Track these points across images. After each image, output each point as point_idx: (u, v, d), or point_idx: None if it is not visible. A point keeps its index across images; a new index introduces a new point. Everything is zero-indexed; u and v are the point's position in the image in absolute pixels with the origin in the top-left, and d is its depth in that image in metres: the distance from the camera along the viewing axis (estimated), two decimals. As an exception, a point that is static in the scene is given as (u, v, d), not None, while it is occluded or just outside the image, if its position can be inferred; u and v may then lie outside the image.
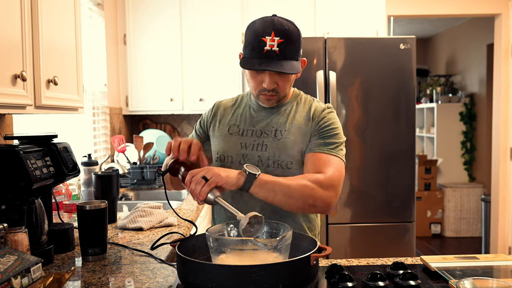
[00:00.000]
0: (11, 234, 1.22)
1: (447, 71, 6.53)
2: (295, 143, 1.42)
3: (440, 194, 5.68)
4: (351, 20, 3.44)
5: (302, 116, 1.46)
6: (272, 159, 1.42)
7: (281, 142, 1.42)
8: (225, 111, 1.55)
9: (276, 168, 1.41)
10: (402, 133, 2.85)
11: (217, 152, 1.49)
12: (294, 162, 1.42)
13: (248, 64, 1.35)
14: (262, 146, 1.43)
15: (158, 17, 3.50)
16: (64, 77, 1.69)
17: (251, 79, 1.41)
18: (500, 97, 4.19)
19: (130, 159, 3.13)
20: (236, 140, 1.47)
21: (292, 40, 1.32)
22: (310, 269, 1.08)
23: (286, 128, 1.44)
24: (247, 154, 1.44)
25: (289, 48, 1.32)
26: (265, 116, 1.48)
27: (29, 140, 1.55)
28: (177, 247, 1.15)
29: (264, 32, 1.31)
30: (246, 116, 1.50)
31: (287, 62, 1.32)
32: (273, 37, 1.30)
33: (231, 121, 1.51)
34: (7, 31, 1.33)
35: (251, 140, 1.45)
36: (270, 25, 1.31)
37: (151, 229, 1.88)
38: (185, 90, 3.53)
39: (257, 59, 1.32)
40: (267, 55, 1.31)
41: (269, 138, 1.44)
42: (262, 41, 1.31)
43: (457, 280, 1.15)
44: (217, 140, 1.51)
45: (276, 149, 1.42)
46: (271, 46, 1.30)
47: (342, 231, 2.85)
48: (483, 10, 4.09)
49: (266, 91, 1.39)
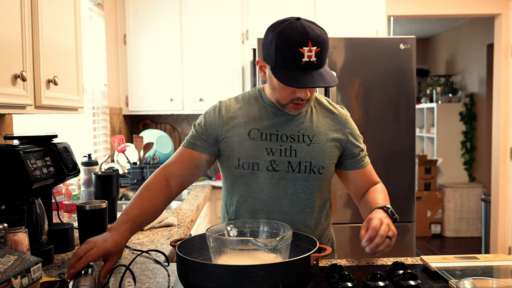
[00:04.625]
0: (11, 234, 1.22)
1: (447, 71, 6.53)
2: (325, 149, 1.41)
3: (440, 194, 5.68)
4: (351, 20, 3.44)
5: (326, 121, 1.45)
6: (304, 164, 1.38)
7: (311, 147, 1.40)
8: (236, 112, 1.43)
9: (308, 174, 1.39)
10: (402, 133, 2.85)
11: (238, 159, 1.39)
12: (325, 167, 1.41)
13: (291, 81, 1.26)
14: (291, 151, 1.38)
15: (158, 17, 3.50)
16: (64, 77, 1.69)
17: (281, 90, 1.33)
18: (500, 97, 4.19)
19: (130, 159, 3.13)
20: (260, 145, 1.38)
21: (326, 47, 1.27)
22: (310, 269, 1.08)
23: (314, 132, 1.41)
24: (275, 160, 1.38)
25: (324, 56, 1.27)
26: (286, 119, 1.41)
27: (29, 140, 1.55)
28: (177, 247, 1.15)
29: (301, 42, 1.23)
30: (264, 119, 1.41)
31: (325, 71, 1.28)
32: (310, 47, 1.23)
33: (249, 125, 1.40)
34: (7, 31, 1.33)
35: (276, 145, 1.38)
36: (305, 35, 1.23)
37: (151, 229, 1.88)
38: (185, 90, 3.53)
39: (295, 71, 1.25)
40: (306, 67, 1.24)
41: (297, 143, 1.39)
42: (300, 52, 1.23)
43: (457, 280, 1.15)
44: (235, 145, 1.39)
45: (307, 154, 1.39)
46: (309, 57, 1.23)
47: (342, 231, 2.85)
48: (483, 10, 4.09)
49: (299, 100, 1.33)
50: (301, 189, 1.40)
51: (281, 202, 1.39)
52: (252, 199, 1.41)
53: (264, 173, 1.38)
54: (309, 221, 1.43)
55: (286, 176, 1.39)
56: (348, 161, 1.48)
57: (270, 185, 1.39)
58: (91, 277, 1.12)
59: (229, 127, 1.41)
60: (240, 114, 1.43)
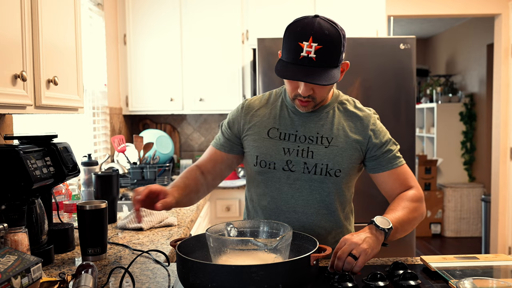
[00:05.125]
0: (11, 234, 1.22)
1: (447, 71, 6.53)
2: (344, 151, 1.38)
3: (440, 194, 5.68)
4: (351, 20, 3.44)
5: (349, 124, 1.41)
6: (320, 166, 1.37)
7: (329, 149, 1.38)
8: (259, 111, 1.46)
9: (324, 176, 1.38)
10: (402, 133, 2.85)
11: (256, 157, 1.41)
12: (342, 170, 1.38)
13: (281, 72, 1.26)
14: (308, 153, 1.37)
15: (158, 17, 3.50)
16: (64, 77, 1.69)
17: (287, 83, 1.35)
18: (500, 97, 4.19)
19: (130, 159, 3.13)
20: (277, 144, 1.39)
21: (331, 46, 1.23)
22: (310, 269, 1.08)
23: (333, 135, 1.39)
24: (291, 161, 1.38)
25: (328, 55, 1.23)
26: (306, 120, 1.40)
27: (29, 140, 1.55)
28: (177, 247, 1.15)
29: (302, 35, 1.21)
30: (285, 118, 1.42)
31: (324, 70, 1.24)
32: (310, 42, 1.21)
33: (269, 123, 1.42)
34: (7, 31, 1.33)
35: (294, 145, 1.38)
36: (309, 29, 1.21)
37: (151, 229, 1.88)
38: (185, 90, 3.53)
39: (292, 65, 1.24)
40: (303, 62, 1.23)
41: (315, 145, 1.38)
42: (299, 46, 1.22)
43: (457, 280, 1.15)
44: (255, 143, 1.42)
45: (324, 157, 1.37)
46: (308, 53, 1.21)
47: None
48: (483, 10, 4.09)
49: (301, 97, 1.32)
50: (316, 191, 1.39)
51: (296, 202, 1.40)
52: (269, 197, 1.42)
53: (280, 173, 1.39)
54: (324, 223, 1.43)
55: (301, 177, 1.39)
56: (371, 163, 1.43)
57: (286, 185, 1.40)
58: (91, 277, 1.12)
59: (250, 125, 1.45)
60: (261, 113, 1.45)
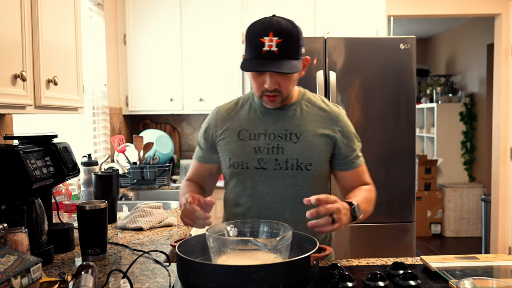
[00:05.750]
0: (11, 234, 1.22)
1: (447, 71, 6.53)
2: (313, 145, 1.43)
3: (440, 194, 5.68)
4: (351, 20, 3.43)
5: (316, 118, 1.47)
6: (291, 161, 1.41)
7: (298, 144, 1.42)
8: (229, 115, 1.52)
9: (296, 171, 1.42)
10: (402, 133, 2.85)
11: (229, 159, 1.46)
12: (313, 163, 1.42)
13: (246, 66, 1.35)
14: (278, 149, 1.42)
15: (158, 17, 3.50)
16: (64, 77, 1.69)
17: (253, 81, 1.41)
18: (500, 97, 4.19)
19: (130, 159, 3.13)
20: (248, 145, 1.45)
21: (291, 39, 1.32)
22: (310, 269, 1.08)
23: (301, 130, 1.44)
24: (262, 159, 1.43)
25: (289, 48, 1.32)
26: (275, 118, 1.46)
27: (29, 140, 1.55)
28: (177, 247, 1.15)
29: (262, 32, 1.31)
30: (254, 119, 1.48)
31: (286, 61, 1.32)
32: (271, 37, 1.30)
33: (239, 126, 1.48)
34: (7, 31, 1.33)
35: (264, 144, 1.44)
36: (268, 26, 1.32)
37: (151, 229, 1.88)
38: (185, 90, 3.53)
39: (256, 60, 1.32)
40: (266, 56, 1.31)
41: (284, 141, 1.43)
42: (261, 42, 1.31)
43: (457, 280, 1.15)
44: (226, 147, 1.48)
45: (293, 152, 1.42)
46: (269, 47, 1.30)
47: (342, 231, 2.84)
48: (483, 10, 4.09)
49: (268, 91, 1.38)
50: (290, 186, 1.43)
51: (271, 199, 1.43)
52: (244, 196, 1.47)
53: (253, 172, 1.44)
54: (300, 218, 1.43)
55: (274, 173, 1.43)
56: (338, 161, 1.49)
57: (260, 183, 1.44)
58: (91, 277, 1.11)
59: (222, 130, 1.50)
60: (232, 117, 1.52)
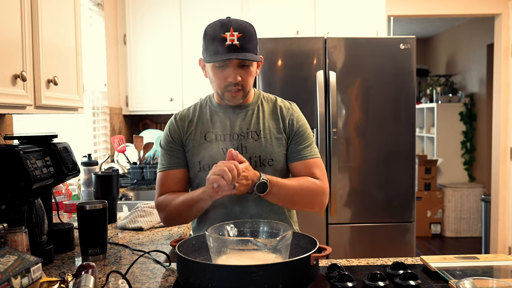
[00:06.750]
0: (11, 234, 1.22)
1: (447, 71, 6.53)
2: (272, 141, 1.49)
3: (440, 194, 5.68)
4: (351, 20, 3.44)
5: (273, 117, 1.53)
6: (254, 159, 1.47)
7: (259, 142, 1.48)
8: (191, 121, 1.54)
9: (259, 167, 1.47)
10: (402, 133, 2.85)
11: (199, 163, 1.48)
12: (274, 159, 1.48)
13: (213, 58, 1.39)
14: (241, 148, 1.47)
15: (158, 17, 3.50)
16: (64, 77, 1.69)
17: (215, 77, 1.46)
18: (500, 97, 4.19)
19: (130, 159, 3.13)
20: (215, 146, 1.48)
21: (249, 34, 1.41)
22: (310, 269, 1.08)
23: (261, 128, 1.50)
24: None
25: (248, 41, 1.40)
26: (236, 119, 1.51)
27: (29, 140, 1.55)
28: (177, 247, 1.15)
29: (223, 29, 1.38)
30: (216, 121, 1.52)
31: (248, 54, 1.40)
32: (232, 32, 1.38)
33: (203, 129, 1.51)
34: (7, 31, 1.33)
35: (229, 144, 1.48)
36: (227, 23, 1.39)
37: (151, 229, 1.88)
38: (185, 90, 3.53)
39: (221, 54, 1.38)
40: (229, 49, 1.37)
41: (246, 140, 1.48)
42: (223, 37, 1.37)
43: (457, 280, 1.15)
44: (194, 150, 1.49)
45: (255, 149, 1.48)
46: (231, 41, 1.37)
47: (342, 231, 2.85)
48: (483, 10, 4.09)
49: (232, 85, 1.43)
50: None
51: (240, 197, 1.44)
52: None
53: None
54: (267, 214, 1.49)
55: None
56: (290, 154, 1.51)
57: None
58: (91, 277, 1.11)
59: (187, 135, 1.52)
60: (194, 122, 1.54)
